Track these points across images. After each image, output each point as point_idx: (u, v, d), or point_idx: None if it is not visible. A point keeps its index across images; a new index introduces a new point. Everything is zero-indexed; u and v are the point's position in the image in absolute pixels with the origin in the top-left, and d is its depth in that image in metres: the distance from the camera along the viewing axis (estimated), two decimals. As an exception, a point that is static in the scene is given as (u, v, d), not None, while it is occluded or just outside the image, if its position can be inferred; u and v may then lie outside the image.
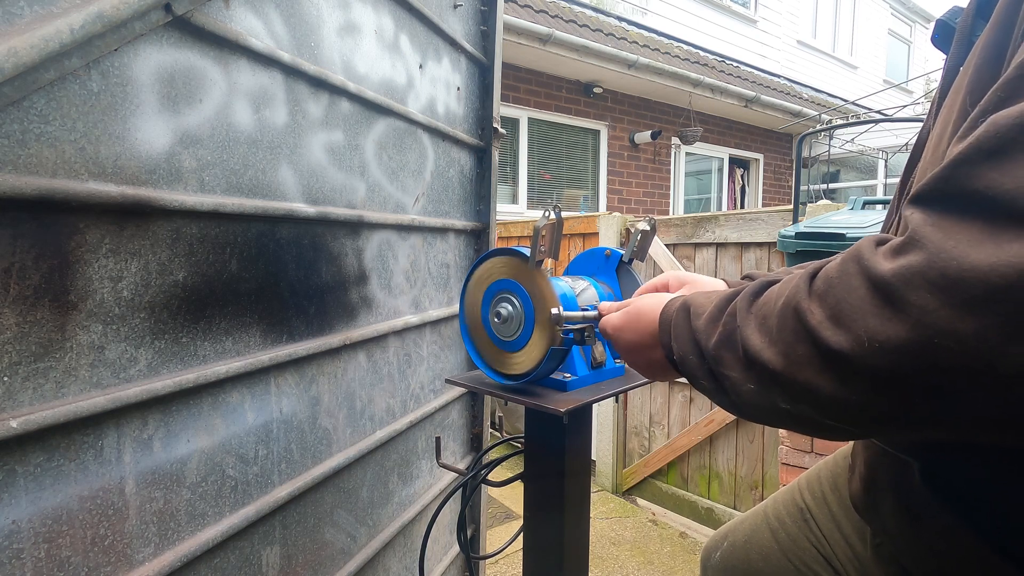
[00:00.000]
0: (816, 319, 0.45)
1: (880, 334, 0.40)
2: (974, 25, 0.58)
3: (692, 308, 0.61)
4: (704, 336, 0.57)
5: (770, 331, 0.49)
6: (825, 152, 6.99)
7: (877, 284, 0.41)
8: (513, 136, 5.44)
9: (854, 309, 0.42)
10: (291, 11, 0.95)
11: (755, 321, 0.51)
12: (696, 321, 0.59)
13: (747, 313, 0.53)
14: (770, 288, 0.53)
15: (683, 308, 0.62)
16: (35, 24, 0.58)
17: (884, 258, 0.42)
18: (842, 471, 0.86)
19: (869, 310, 0.41)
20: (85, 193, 0.65)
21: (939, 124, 0.56)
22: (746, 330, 0.52)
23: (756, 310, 0.52)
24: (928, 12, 12.16)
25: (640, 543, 2.83)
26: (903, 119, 2.68)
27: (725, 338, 0.54)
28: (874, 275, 0.42)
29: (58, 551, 0.65)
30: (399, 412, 1.35)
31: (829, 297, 0.45)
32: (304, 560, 1.05)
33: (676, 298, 0.66)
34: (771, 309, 0.50)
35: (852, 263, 0.45)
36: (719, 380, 0.55)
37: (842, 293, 0.44)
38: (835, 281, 0.45)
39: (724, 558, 0.98)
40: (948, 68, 0.61)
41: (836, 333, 0.43)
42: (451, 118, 1.52)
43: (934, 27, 0.65)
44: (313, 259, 1.04)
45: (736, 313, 0.54)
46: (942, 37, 0.65)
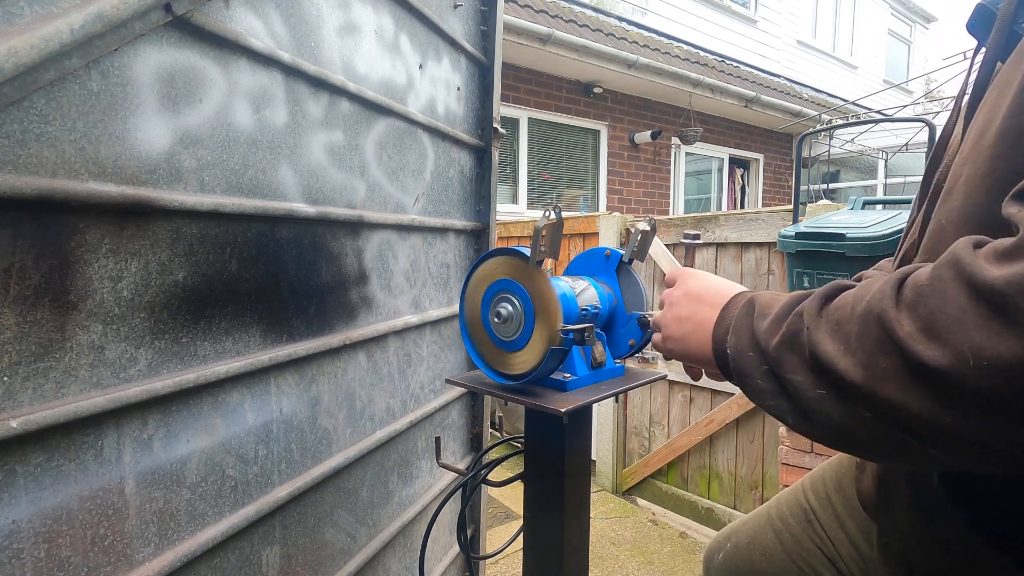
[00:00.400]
0: (904, 330, 0.40)
1: (987, 350, 0.36)
2: (1016, 13, 0.54)
3: (757, 306, 0.57)
4: (766, 335, 0.53)
5: (846, 338, 0.45)
6: (825, 152, 6.99)
7: (983, 293, 0.37)
8: (513, 136, 5.44)
9: (953, 321, 0.38)
10: (291, 11, 0.95)
11: (827, 325, 0.47)
12: (760, 321, 0.55)
13: (817, 316, 0.49)
14: (845, 292, 0.49)
15: (748, 304, 0.59)
16: (35, 24, 0.58)
17: (990, 263, 0.38)
18: (847, 471, 0.86)
19: (972, 322, 0.37)
20: (85, 193, 0.65)
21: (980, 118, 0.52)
22: (816, 334, 0.47)
23: (828, 314, 0.48)
24: (928, 12, 12.16)
25: (640, 543, 2.83)
26: (903, 119, 2.68)
27: (788, 339, 0.50)
28: (979, 282, 0.37)
29: (58, 551, 0.65)
30: (399, 412, 1.35)
31: (920, 307, 0.40)
32: (304, 560, 1.05)
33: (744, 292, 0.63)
34: (847, 314, 0.46)
35: (948, 268, 0.40)
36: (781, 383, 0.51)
37: (937, 303, 0.39)
38: (926, 289, 0.40)
39: (727, 559, 0.97)
40: (986, 59, 0.56)
41: (930, 348, 0.39)
42: (451, 118, 1.52)
43: (972, 11, 0.60)
44: (313, 259, 1.04)
45: (803, 314, 0.50)
46: (979, 23, 0.60)
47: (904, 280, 0.44)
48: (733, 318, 0.59)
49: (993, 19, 0.57)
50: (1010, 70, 0.50)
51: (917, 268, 0.44)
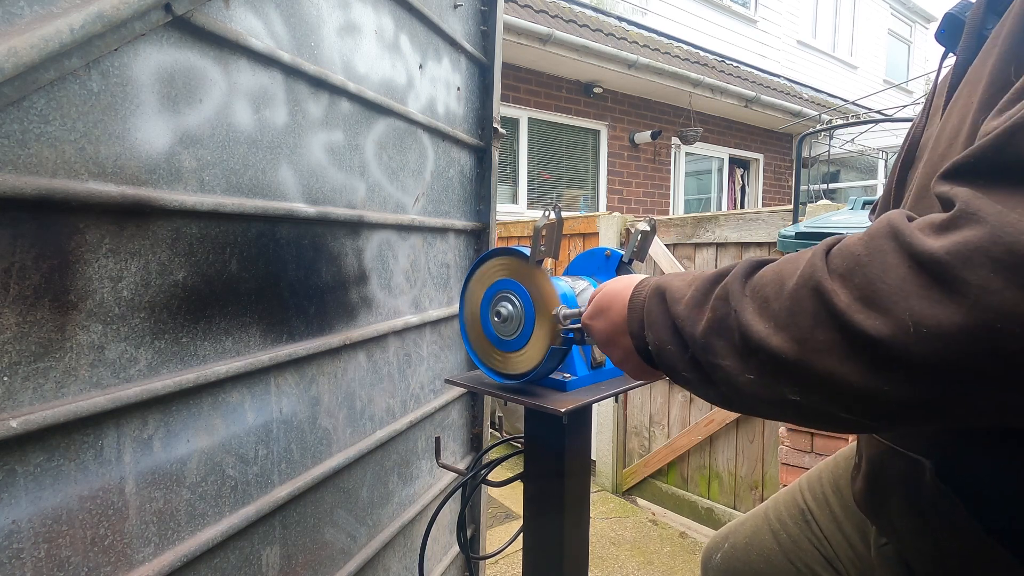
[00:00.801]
0: (843, 301, 0.40)
1: (929, 318, 0.36)
2: (985, 19, 0.56)
3: (668, 292, 0.55)
4: (688, 322, 0.52)
5: (776, 315, 0.44)
6: (825, 152, 6.99)
7: (924, 262, 0.37)
8: (513, 136, 5.44)
9: (893, 291, 0.38)
10: (291, 11, 0.95)
11: (753, 303, 0.47)
12: (675, 307, 0.54)
13: (742, 295, 0.48)
14: (765, 267, 0.49)
15: (656, 293, 0.57)
16: (35, 24, 0.58)
17: (928, 235, 0.38)
18: (844, 471, 0.86)
19: (913, 291, 0.37)
20: (85, 193, 0.65)
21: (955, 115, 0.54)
22: (744, 315, 0.47)
23: (753, 292, 0.47)
24: (928, 12, 12.16)
25: (640, 543, 2.83)
26: (903, 119, 2.68)
27: (716, 323, 0.49)
28: (919, 252, 0.38)
29: (58, 551, 0.65)
30: (399, 412, 1.35)
31: (856, 277, 0.40)
32: (304, 560, 1.05)
33: (645, 280, 0.61)
34: (774, 291, 0.46)
35: (886, 239, 0.40)
36: (707, 371, 0.50)
37: (876, 272, 0.39)
38: (864, 259, 0.40)
39: (725, 559, 0.97)
40: (958, 61, 0.59)
41: (870, 317, 0.39)
42: (451, 118, 1.52)
43: (941, 21, 0.64)
44: (313, 259, 1.04)
45: (728, 296, 0.49)
46: (949, 32, 0.63)
47: (830, 250, 0.44)
48: (643, 310, 0.58)
49: (961, 27, 0.59)
50: (978, 68, 0.53)
51: (839, 238, 0.44)
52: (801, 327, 0.43)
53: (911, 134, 0.67)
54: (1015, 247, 0.34)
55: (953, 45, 0.62)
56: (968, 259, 0.36)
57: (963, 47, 0.58)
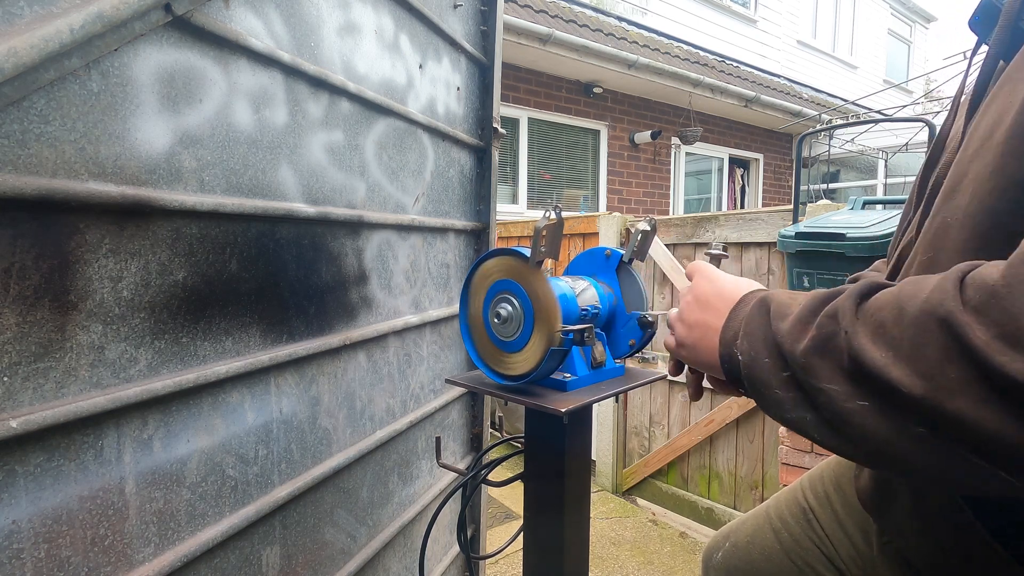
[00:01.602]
0: (980, 339, 0.36)
1: None
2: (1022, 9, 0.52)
3: (774, 306, 0.52)
4: (789, 339, 0.47)
5: (896, 344, 0.40)
6: (825, 152, 6.99)
7: None
8: (513, 136, 5.44)
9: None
10: (291, 11, 0.95)
11: (868, 328, 0.42)
12: (779, 322, 0.49)
13: (854, 317, 0.43)
14: (884, 290, 0.44)
15: (761, 305, 0.53)
16: (35, 24, 0.58)
17: None
18: (845, 470, 0.86)
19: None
20: (85, 193, 0.65)
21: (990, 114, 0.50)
22: (857, 338, 0.42)
23: (868, 315, 0.43)
24: (928, 12, 12.16)
25: (640, 543, 2.83)
26: (903, 119, 2.68)
27: (820, 343, 0.45)
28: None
29: (58, 551, 0.65)
30: (399, 412, 1.35)
31: (994, 311, 0.36)
32: (304, 560, 1.05)
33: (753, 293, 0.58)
34: (893, 316, 0.41)
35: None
36: (808, 393, 0.46)
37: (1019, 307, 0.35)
38: (1003, 291, 0.36)
39: (726, 558, 0.97)
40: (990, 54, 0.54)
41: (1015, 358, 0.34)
42: (451, 118, 1.52)
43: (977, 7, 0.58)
44: (313, 259, 1.04)
45: (838, 314, 0.45)
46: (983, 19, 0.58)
47: (963, 278, 0.39)
48: (743, 320, 0.54)
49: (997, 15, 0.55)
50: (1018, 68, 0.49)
51: (975, 265, 0.40)
52: (929, 361, 0.38)
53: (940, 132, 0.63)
54: None
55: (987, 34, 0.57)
56: None
57: (996, 39, 0.54)
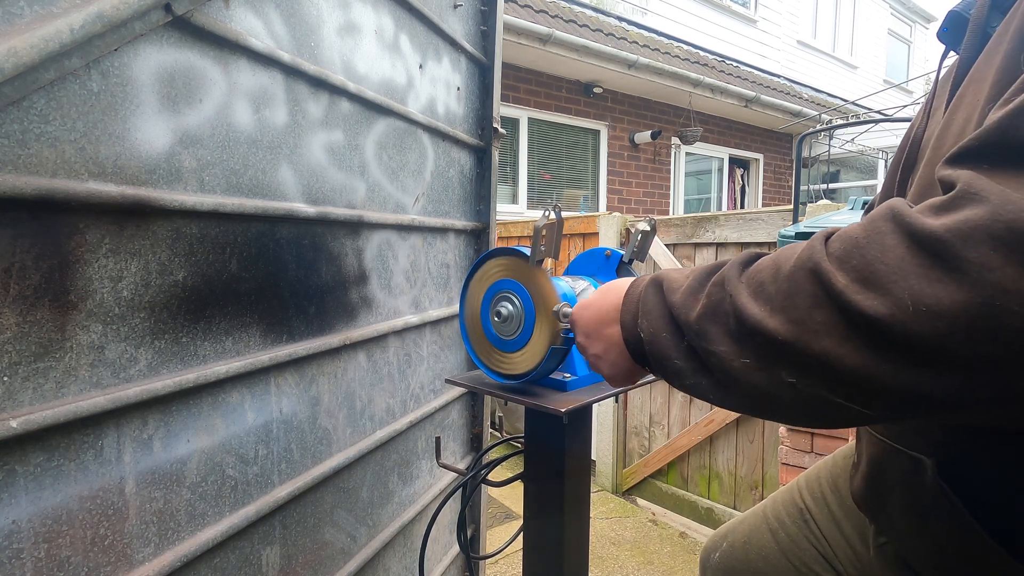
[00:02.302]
0: (841, 282, 0.40)
1: (928, 296, 0.36)
2: (989, 17, 0.56)
3: (666, 283, 0.55)
4: (683, 309, 0.51)
5: (771, 298, 0.44)
6: (825, 152, 6.99)
7: (923, 241, 0.38)
8: (513, 136, 5.43)
9: (892, 270, 0.38)
10: (291, 11, 0.95)
11: (749, 288, 0.47)
12: (672, 296, 0.53)
13: (737, 281, 0.48)
14: (762, 257, 0.49)
15: (654, 283, 0.57)
16: (35, 24, 0.58)
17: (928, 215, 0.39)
18: (842, 471, 0.86)
19: (912, 270, 0.37)
20: (85, 193, 0.65)
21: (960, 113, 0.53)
22: (740, 299, 0.46)
23: (749, 278, 0.47)
24: (928, 12, 12.16)
25: (640, 543, 2.83)
26: (903, 119, 2.68)
27: (710, 309, 0.49)
28: (918, 232, 0.38)
29: (58, 551, 0.65)
30: (399, 412, 1.35)
31: (854, 259, 0.40)
32: (304, 560, 1.05)
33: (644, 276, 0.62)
34: (770, 275, 0.46)
35: (884, 222, 0.40)
36: (702, 358, 0.49)
37: (874, 253, 0.39)
38: (863, 241, 0.41)
39: (723, 558, 0.98)
40: (962, 59, 0.58)
41: (869, 297, 0.39)
42: (451, 118, 1.52)
43: (944, 19, 0.63)
44: (313, 259, 1.04)
45: (724, 282, 0.49)
46: (951, 30, 0.63)
47: (829, 236, 0.44)
48: (639, 301, 0.57)
49: (965, 25, 0.59)
50: (983, 66, 0.53)
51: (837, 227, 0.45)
52: (798, 308, 0.42)
53: (910, 135, 0.66)
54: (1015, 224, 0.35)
55: (955, 43, 0.62)
56: (968, 237, 0.36)
57: (967, 45, 0.58)
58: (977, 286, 0.35)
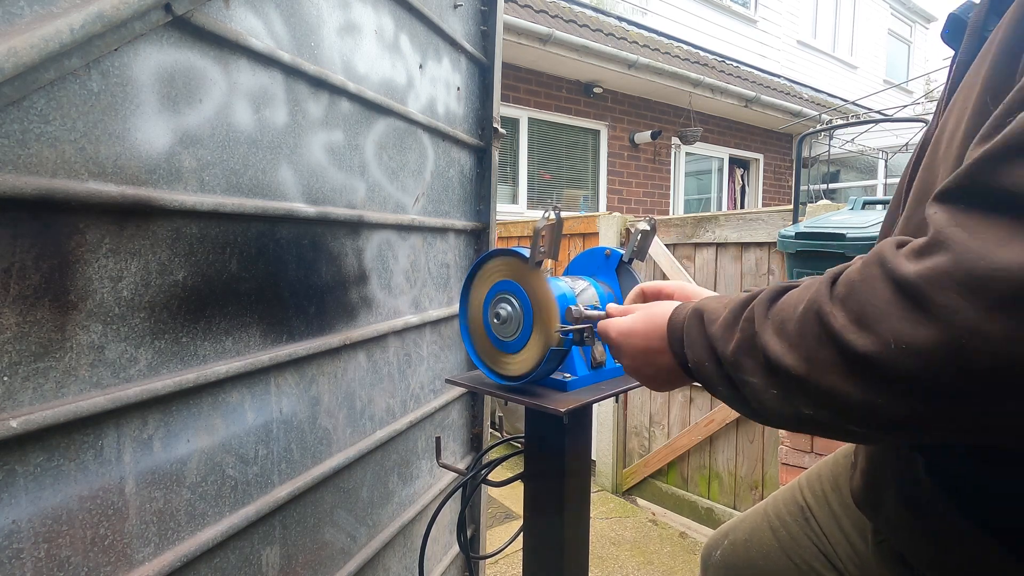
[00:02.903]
0: (839, 323, 0.44)
1: (907, 336, 0.40)
2: (987, 20, 0.57)
3: (706, 314, 0.59)
4: (721, 342, 0.55)
5: (789, 336, 0.48)
6: (825, 152, 6.99)
7: (902, 286, 0.41)
8: (513, 136, 5.43)
9: (879, 312, 0.42)
10: (291, 11, 0.95)
11: (772, 326, 0.50)
12: (711, 327, 0.57)
13: (764, 318, 0.52)
14: (788, 293, 0.52)
15: (695, 314, 0.61)
16: (35, 24, 0.58)
17: (908, 260, 0.42)
18: (843, 469, 0.86)
19: (895, 313, 0.41)
20: (85, 193, 0.65)
21: (952, 119, 0.55)
22: (764, 336, 0.50)
23: (773, 315, 0.51)
24: (928, 12, 12.16)
25: (640, 543, 2.83)
26: (903, 119, 2.68)
27: (744, 344, 0.53)
28: (899, 277, 0.41)
29: (58, 551, 0.65)
30: (399, 412, 1.35)
31: (851, 301, 0.44)
32: (304, 560, 1.05)
33: (684, 304, 0.65)
34: (790, 314, 0.49)
35: (875, 266, 0.44)
36: (738, 387, 0.54)
37: (866, 296, 0.43)
38: (858, 285, 0.44)
39: (724, 556, 0.98)
40: (959, 62, 0.59)
41: (861, 336, 0.42)
42: (451, 118, 1.52)
43: (945, 22, 0.64)
44: (313, 259, 1.04)
45: (754, 318, 0.53)
46: (952, 32, 0.63)
47: (837, 278, 0.47)
48: (683, 329, 0.61)
49: (964, 27, 0.60)
50: (975, 72, 0.53)
51: (848, 266, 0.48)
52: (809, 347, 0.46)
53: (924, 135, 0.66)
54: (974, 271, 0.38)
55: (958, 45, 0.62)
56: (937, 283, 0.39)
57: (964, 48, 0.59)
58: (947, 328, 0.38)
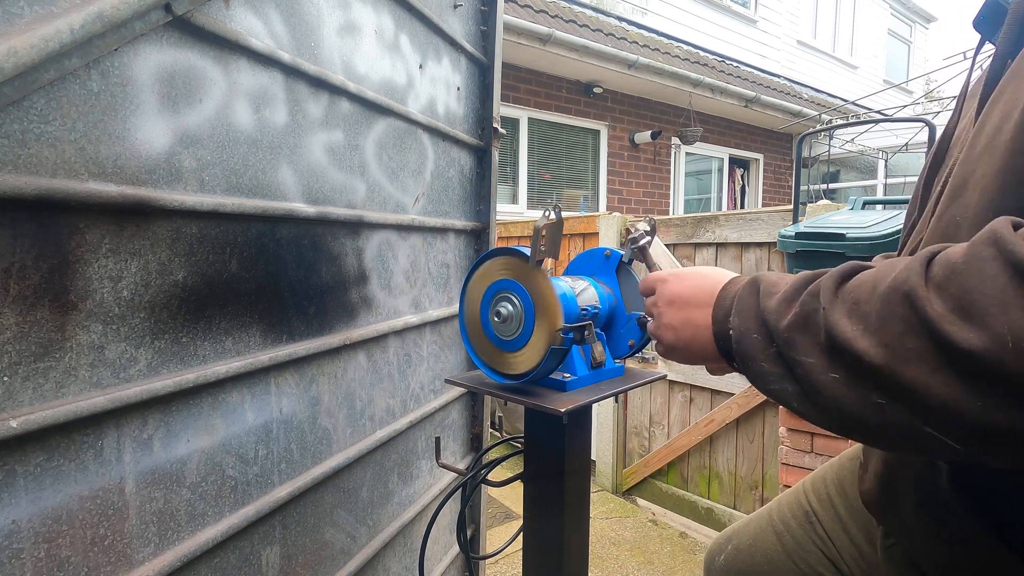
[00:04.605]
0: (936, 311, 0.38)
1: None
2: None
3: (763, 285, 0.54)
4: (775, 315, 0.50)
5: (866, 317, 0.43)
6: (825, 152, 6.99)
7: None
8: (513, 136, 5.43)
9: (992, 302, 0.36)
10: (291, 11, 0.95)
11: (844, 306, 0.45)
12: (767, 300, 0.52)
13: (834, 296, 0.46)
14: (863, 271, 0.47)
15: (751, 284, 0.56)
16: (35, 24, 0.58)
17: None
18: (848, 473, 0.86)
19: (1014, 303, 0.35)
20: (85, 193, 0.65)
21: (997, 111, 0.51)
22: (833, 314, 0.45)
23: (846, 294, 0.46)
24: (928, 12, 12.16)
25: (640, 543, 2.83)
26: (903, 119, 2.68)
27: (802, 319, 0.48)
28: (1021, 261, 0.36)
29: (58, 551, 0.65)
30: (399, 412, 1.35)
31: (953, 286, 0.38)
32: (304, 560, 1.05)
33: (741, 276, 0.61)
34: (866, 294, 0.44)
35: (987, 247, 0.38)
36: (789, 366, 0.48)
37: (973, 282, 0.37)
38: (961, 267, 0.39)
39: (728, 561, 0.97)
40: (999, 52, 0.55)
41: (964, 329, 0.37)
42: (451, 118, 1.52)
43: (982, 7, 0.59)
44: (313, 259, 1.04)
45: (820, 293, 0.47)
46: (989, 19, 0.59)
47: (932, 258, 0.42)
48: (735, 298, 0.57)
49: (1004, 14, 0.55)
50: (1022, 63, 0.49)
51: (945, 247, 0.42)
52: (890, 332, 0.41)
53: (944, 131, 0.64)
54: None
55: (992, 33, 0.58)
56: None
57: (1005, 38, 0.55)
58: None
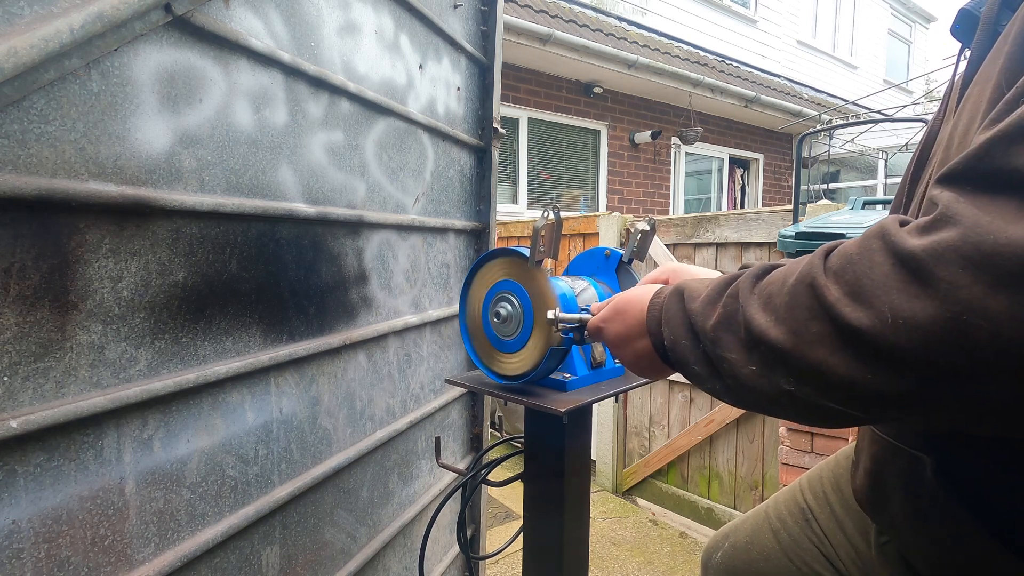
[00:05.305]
0: (833, 296, 0.43)
1: (905, 310, 0.39)
2: (999, 15, 0.57)
3: (687, 292, 0.59)
4: (700, 318, 0.55)
5: (777, 309, 0.47)
6: (825, 152, 6.99)
7: (904, 260, 0.40)
8: (513, 136, 5.43)
9: (876, 285, 0.41)
10: (291, 11, 0.95)
11: (759, 300, 0.50)
12: (691, 304, 0.57)
13: (750, 293, 0.51)
14: (775, 269, 0.52)
15: (676, 292, 0.60)
16: (35, 24, 0.58)
17: (912, 235, 0.41)
18: (844, 471, 0.86)
19: (894, 286, 0.40)
20: (85, 193, 0.65)
21: (965, 114, 0.54)
22: (749, 309, 0.50)
23: (760, 290, 0.50)
24: (928, 12, 12.16)
25: (640, 543, 2.83)
26: (903, 119, 2.69)
27: (725, 319, 0.52)
28: (901, 251, 0.41)
29: (58, 551, 0.65)
30: (399, 412, 1.35)
31: (847, 273, 0.43)
32: (304, 560, 1.05)
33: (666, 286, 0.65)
34: (778, 288, 0.49)
35: (875, 239, 0.43)
36: (715, 364, 0.53)
37: (863, 269, 0.42)
38: (855, 258, 0.44)
39: (725, 558, 0.98)
40: (972, 58, 0.59)
41: (856, 310, 0.42)
42: (451, 118, 1.52)
43: (956, 16, 0.63)
44: (313, 259, 1.04)
45: (738, 294, 0.52)
46: (963, 27, 0.63)
47: (831, 252, 0.47)
48: (662, 308, 0.61)
49: (976, 22, 0.60)
50: (989, 66, 0.53)
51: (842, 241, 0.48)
52: (797, 320, 0.46)
53: (927, 132, 0.66)
54: (982, 246, 0.37)
55: (969, 40, 0.62)
56: (941, 256, 0.39)
57: (977, 43, 0.58)
58: (947, 302, 0.38)
